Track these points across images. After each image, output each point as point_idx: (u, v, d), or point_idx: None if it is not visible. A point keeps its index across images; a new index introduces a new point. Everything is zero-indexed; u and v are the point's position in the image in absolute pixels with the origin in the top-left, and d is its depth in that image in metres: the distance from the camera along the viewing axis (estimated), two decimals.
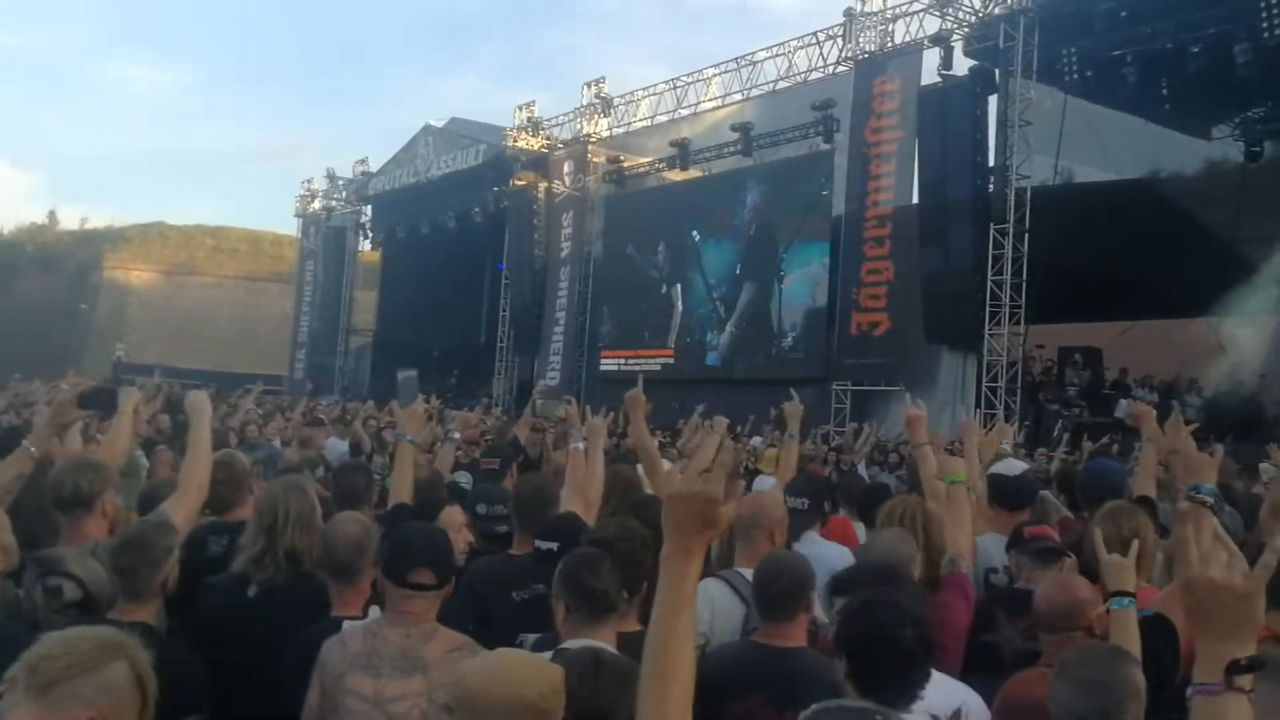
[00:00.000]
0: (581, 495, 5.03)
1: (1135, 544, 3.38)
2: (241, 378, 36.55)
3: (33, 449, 4.31)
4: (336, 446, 10.15)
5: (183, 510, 4.13)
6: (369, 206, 38.37)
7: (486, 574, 4.37)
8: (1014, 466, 5.34)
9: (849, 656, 2.70)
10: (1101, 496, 5.08)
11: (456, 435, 7.34)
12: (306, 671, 3.32)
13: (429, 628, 3.32)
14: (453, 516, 4.69)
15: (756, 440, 13.59)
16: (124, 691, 2.20)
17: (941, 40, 19.92)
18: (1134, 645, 3.09)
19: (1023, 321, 18.68)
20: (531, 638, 3.64)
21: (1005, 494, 5.15)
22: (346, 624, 3.50)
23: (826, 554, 4.74)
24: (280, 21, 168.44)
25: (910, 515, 4.47)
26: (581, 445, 5.41)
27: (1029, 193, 18.73)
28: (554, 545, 3.97)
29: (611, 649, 3.00)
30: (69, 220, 68.01)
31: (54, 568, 3.35)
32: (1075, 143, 19.39)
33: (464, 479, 6.56)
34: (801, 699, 2.75)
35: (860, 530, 5.82)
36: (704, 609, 3.97)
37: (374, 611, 3.55)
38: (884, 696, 2.51)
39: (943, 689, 2.94)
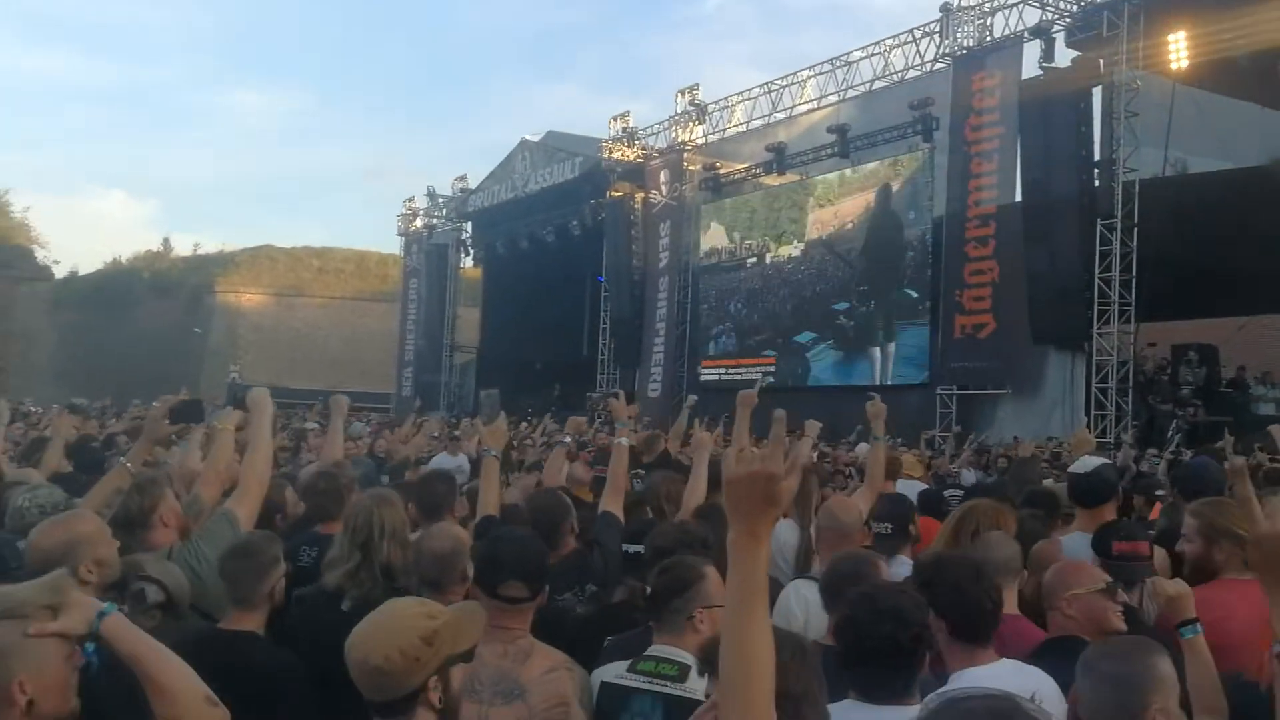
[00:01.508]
0: (618, 492, 5.10)
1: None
2: (350, 396, 37.13)
3: (129, 464, 4.43)
4: (445, 462, 10.17)
5: (244, 508, 4.12)
6: (469, 223, 38.96)
7: None
8: (1087, 463, 5.28)
9: (841, 649, 2.78)
10: (1200, 492, 5.06)
11: (568, 439, 7.29)
12: None
13: (525, 645, 3.23)
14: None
15: (863, 447, 13.32)
16: None
17: (1042, 32, 19.46)
18: (1209, 671, 3.02)
19: (1133, 319, 18.18)
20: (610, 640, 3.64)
21: (1080, 491, 5.12)
22: None
23: None
24: (379, 42, 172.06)
25: (975, 521, 4.44)
26: (624, 441, 5.47)
27: (1137, 186, 18.18)
28: (640, 548, 4.01)
29: None
30: (182, 246, 70.29)
31: (135, 572, 3.39)
32: (1186, 132, 18.77)
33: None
34: None
35: None
36: (798, 609, 4.08)
37: None
38: (871, 686, 2.53)
39: (1017, 678, 2.91)
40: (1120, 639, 2.79)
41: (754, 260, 26.99)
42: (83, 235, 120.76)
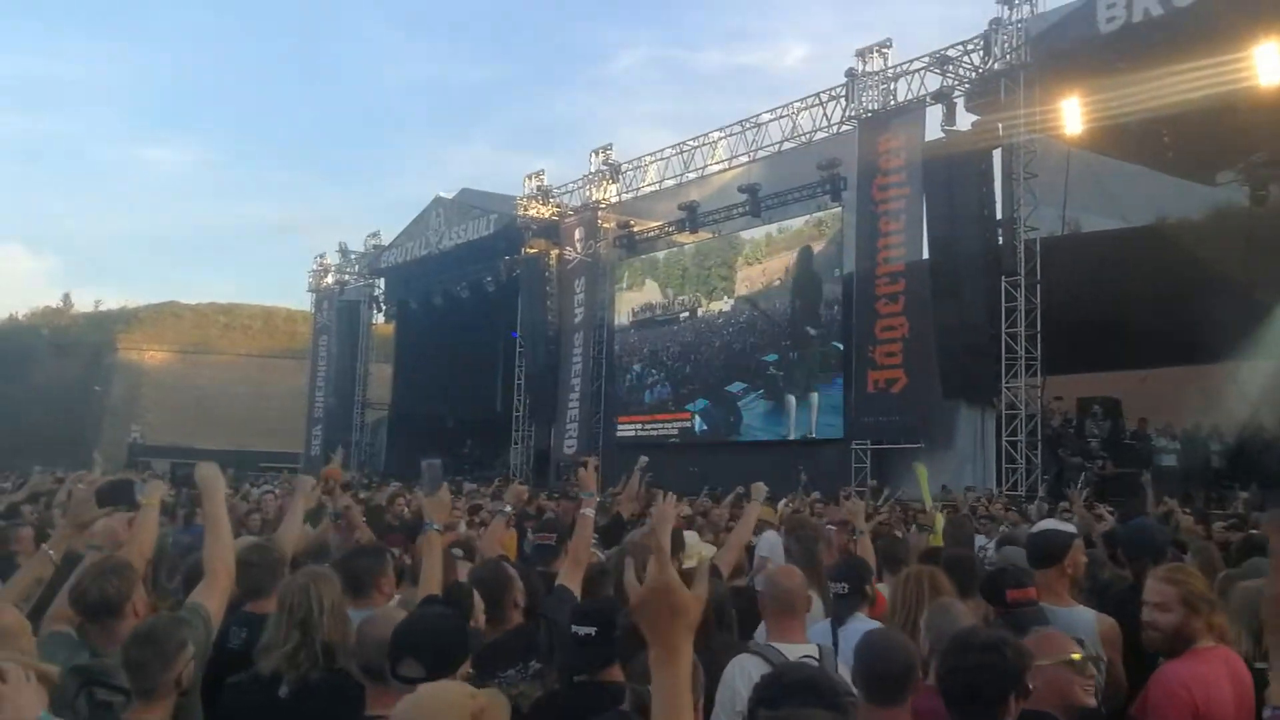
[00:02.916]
0: (579, 566, 4.93)
1: None
2: (258, 455, 36.66)
3: (52, 553, 4.15)
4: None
5: (214, 597, 3.92)
6: (382, 279, 38.73)
7: None
8: (1040, 525, 5.28)
9: None
10: (1142, 554, 5.09)
11: (508, 509, 7.13)
12: None
13: None
14: None
15: (781, 504, 13.47)
16: None
17: (943, 97, 20.10)
18: None
19: (1039, 373, 18.62)
20: None
21: (1037, 552, 4.95)
22: None
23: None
24: (291, 97, 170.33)
25: (919, 584, 4.40)
26: (589, 512, 5.26)
27: (1038, 244, 18.76)
28: (591, 630, 3.75)
29: None
30: (83, 303, 68.71)
31: (101, 680, 3.21)
32: (1081, 193, 19.50)
33: None
34: None
35: None
36: (741, 686, 3.84)
37: None
38: None
39: None
40: None
41: (686, 315, 27.19)
42: None
